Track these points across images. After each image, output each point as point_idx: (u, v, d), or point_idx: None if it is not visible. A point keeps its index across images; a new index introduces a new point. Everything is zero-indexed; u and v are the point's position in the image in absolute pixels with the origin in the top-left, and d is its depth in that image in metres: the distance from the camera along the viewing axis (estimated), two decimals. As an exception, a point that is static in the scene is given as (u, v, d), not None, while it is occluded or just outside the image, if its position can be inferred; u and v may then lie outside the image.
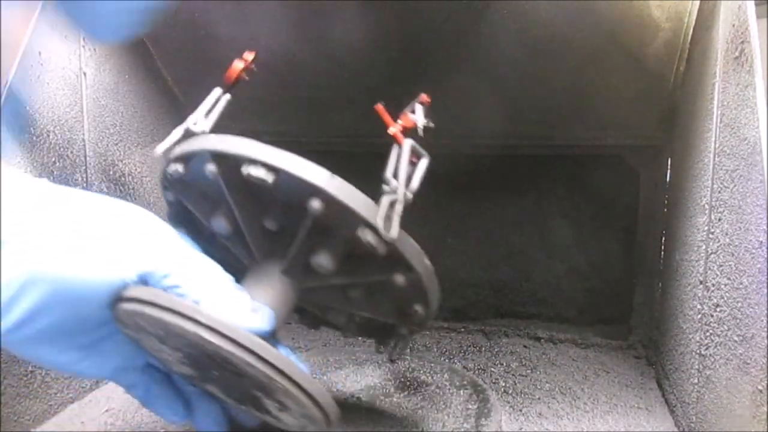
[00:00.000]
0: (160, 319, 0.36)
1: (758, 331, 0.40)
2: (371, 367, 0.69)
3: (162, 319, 0.36)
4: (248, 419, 0.47)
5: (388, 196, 0.41)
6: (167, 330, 0.37)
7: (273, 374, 0.36)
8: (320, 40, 0.72)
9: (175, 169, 0.45)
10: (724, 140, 0.50)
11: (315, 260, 0.43)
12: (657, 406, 0.66)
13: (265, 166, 0.40)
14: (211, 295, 0.39)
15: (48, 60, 0.62)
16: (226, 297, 0.40)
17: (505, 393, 0.69)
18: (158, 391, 0.45)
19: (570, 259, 0.88)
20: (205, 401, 0.46)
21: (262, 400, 0.41)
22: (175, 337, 0.37)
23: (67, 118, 0.65)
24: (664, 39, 0.66)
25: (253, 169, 0.40)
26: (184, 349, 0.39)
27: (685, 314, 0.61)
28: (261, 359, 0.36)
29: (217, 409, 0.46)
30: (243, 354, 0.36)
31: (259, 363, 0.36)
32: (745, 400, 0.42)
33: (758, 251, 0.41)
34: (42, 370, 0.61)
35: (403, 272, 0.44)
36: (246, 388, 0.40)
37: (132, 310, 0.37)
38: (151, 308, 0.36)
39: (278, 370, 0.36)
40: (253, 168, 0.40)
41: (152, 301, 0.36)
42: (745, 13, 0.46)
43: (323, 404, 0.39)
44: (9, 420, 0.56)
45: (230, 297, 0.40)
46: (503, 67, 0.72)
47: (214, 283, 0.40)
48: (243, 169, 0.40)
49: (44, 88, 0.62)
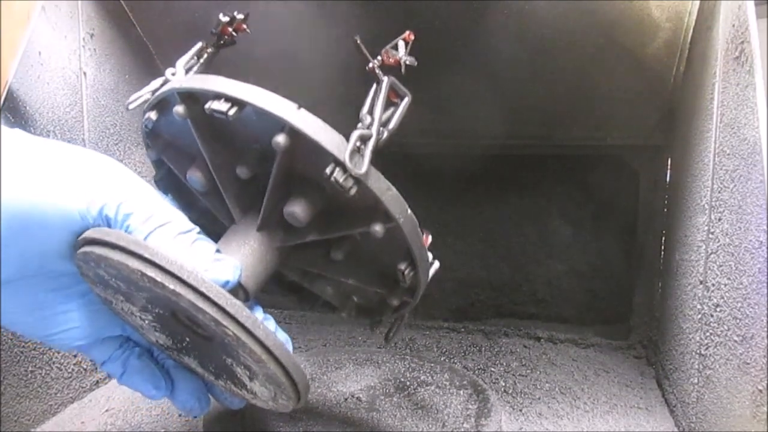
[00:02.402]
0: (107, 258, 0.34)
1: (758, 331, 0.40)
2: (371, 367, 0.69)
3: (108, 258, 0.34)
4: (232, 402, 0.46)
5: (359, 131, 0.38)
6: (120, 275, 0.35)
7: (223, 319, 0.34)
8: (320, 40, 0.72)
9: (148, 117, 0.43)
10: (724, 140, 0.50)
11: (287, 210, 0.40)
12: (657, 406, 0.66)
13: (228, 99, 0.38)
14: (168, 241, 0.37)
15: (48, 60, 0.62)
16: (183, 244, 0.37)
17: (505, 393, 0.69)
18: (137, 366, 0.43)
19: (570, 259, 0.88)
20: (186, 377, 0.45)
21: (234, 368, 0.39)
22: (130, 284, 0.36)
23: (67, 118, 0.65)
24: (664, 39, 0.66)
25: (216, 104, 0.38)
26: (148, 306, 0.38)
27: (685, 314, 0.61)
28: (207, 299, 0.33)
29: (199, 385, 0.45)
30: (189, 294, 0.33)
31: (206, 305, 0.33)
32: (745, 400, 0.42)
33: (758, 251, 0.41)
34: (42, 370, 0.61)
35: (381, 221, 0.39)
36: (217, 355, 0.39)
37: (86, 254, 0.35)
38: (100, 247, 0.34)
39: (228, 314, 0.33)
40: (216, 102, 0.38)
41: (101, 238, 0.34)
42: (745, 13, 0.46)
43: (285, 362, 0.36)
44: (9, 420, 0.56)
45: (190, 245, 0.37)
46: (503, 67, 0.72)
47: (172, 229, 0.38)
48: (206, 105, 0.38)
49: (44, 88, 0.62)
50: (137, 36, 0.77)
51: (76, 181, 0.37)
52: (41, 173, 0.36)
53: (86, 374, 0.68)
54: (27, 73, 0.60)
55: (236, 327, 0.34)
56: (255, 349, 0.35)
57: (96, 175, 0.38)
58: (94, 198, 0.37)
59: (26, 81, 0.60)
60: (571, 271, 0.89)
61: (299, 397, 0.39)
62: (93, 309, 0.41)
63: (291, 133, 0.37)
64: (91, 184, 0.37)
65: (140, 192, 0.38)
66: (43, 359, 0.61)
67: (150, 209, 0.37)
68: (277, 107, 0.37)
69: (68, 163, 0.38)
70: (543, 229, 0.89)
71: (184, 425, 0.61)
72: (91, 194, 0.37)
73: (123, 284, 0.37)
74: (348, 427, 0.56)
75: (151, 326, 0.41)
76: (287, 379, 0.37)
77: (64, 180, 0.37)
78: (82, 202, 0.36)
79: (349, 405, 0.60)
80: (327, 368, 0.69)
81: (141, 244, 0.34)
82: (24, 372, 0.59)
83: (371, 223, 0.40)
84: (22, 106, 0.59)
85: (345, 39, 0.71)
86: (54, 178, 0.36)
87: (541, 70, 0.73)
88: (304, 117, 0.37)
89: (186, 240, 0.37)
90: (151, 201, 0.38)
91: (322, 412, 0.58)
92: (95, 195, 0.37)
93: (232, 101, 0.38)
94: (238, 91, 0.38)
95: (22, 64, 0.59)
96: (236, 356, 0.38)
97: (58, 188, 0.36)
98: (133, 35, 0.76)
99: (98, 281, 0.38)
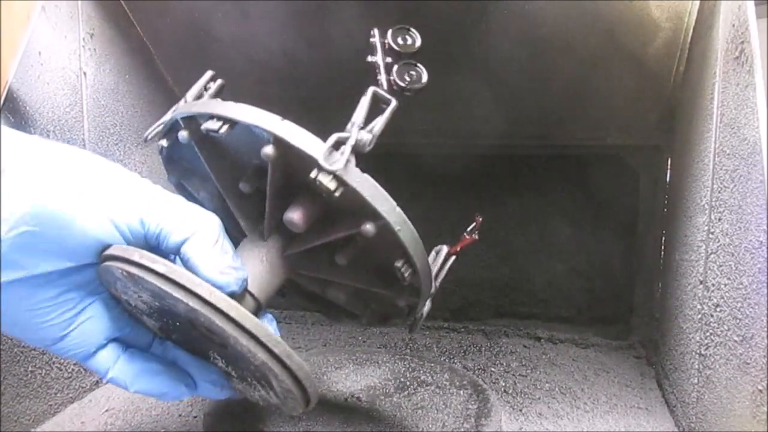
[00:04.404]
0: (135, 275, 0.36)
1: (758, 331, 0.40)
2: (371, 367, 0.69)
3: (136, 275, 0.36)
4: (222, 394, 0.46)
5: (337, 134, 0.40)
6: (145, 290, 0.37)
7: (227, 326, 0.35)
8: (320, 39, 0.72)
9: (160, 145, 0.47)
10: (724, 140, 0.50)
11: (286, 217, 0.43)
12: (657, 406, 0.66)
13: (219, 119, 0.41)
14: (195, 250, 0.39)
15: (48, 60, 0.62)
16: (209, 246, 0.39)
17: (505, 393, 0.69)
18: (152, 368, 0.43)
19: (570, 259, 0.88)
20: (202, 367, 0.44)
21: (246, 374, 0.41)
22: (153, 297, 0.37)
23: (67, 118, 0.65)
24: (664, 39, 0.66)
25: (210, 123, 0.41)
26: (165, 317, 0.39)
27: (685, 314, 0.61)
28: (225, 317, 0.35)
29: (217, 372, 0.45)
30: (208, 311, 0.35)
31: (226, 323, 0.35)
32: (745, 400, 0.42)
33: (758, 251, 0.41)
34: (42, 370, 0.61)
35: (371, 220, 0.41)
36: (233, 361, 0.40)
37: (109, 268, 0.37)
38: (128, 265, 0.36)
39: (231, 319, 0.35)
40: (210, 122, 0.41)
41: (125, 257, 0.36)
42: (745, 13, 0.46)
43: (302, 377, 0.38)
44: (9, 420, 0.56)
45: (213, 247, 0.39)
46: (503, 67, 0.72)
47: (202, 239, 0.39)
48: (203, 126, 0.41)
49: (44, 88, 0.62)
50: (137, 36, 0.77)
51: (113, 195, 0.39)
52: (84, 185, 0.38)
53: (86, 374, 0.68)
54: (27, 73, 0.60)
55: (260, 350, 0.36)
56: (274, 367, 0.37)
57: (131, 189, 0.40)
58: (132, 210, 0.39)
59: (26, 81, 0.60)
60: (571, 271, 0.89)
61: (308, 404, 0.41)
62: (109, 307, 0.42)
63: (277, 143, 0.40)
64: (127, 197, 0.39)
65: (171, 203, 0.40)
66: (43, 359, 0.61)
67: (179, 220, 0.39)
68: (261, 121, 0.40)
69: (101, 176, 0.39)
70: (543, 229, 0.89)
71: (184, 425, 0.61)
72: (129, 207, 0.39)
73: (144, 295, 0.38)
74: (348, 427, 0.56)
75: (165, 330, 0.42)
76: (299, 391, 0.39)
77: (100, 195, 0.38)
78: (121, 215, 0.38)
79: (349, 405, 0.60)
80: (327, 368, 0.69)
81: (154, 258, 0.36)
82: (24, 372, 0.59)
83: (362, 223, 0.41)
84: (22, 106, 0.59)
85: (345, 39, 0.71)
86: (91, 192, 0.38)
87: (541, 70, 0.73)
88: (287, 127, 0.40)
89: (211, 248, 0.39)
90: (180, 212, 0.40)
91: (322, 412, 0.58)
92: (132, 208, 0.39)
93: (223, 119, 0.41)
94: (226, 111, 0.41)
95: (22, 64, 0.59)
96: (252, 367, 0.39)
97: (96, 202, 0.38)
98: (133, 35, 0.76)
99: (117, 288, 0.40)
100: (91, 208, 0.37)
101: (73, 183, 0.37)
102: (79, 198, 0.37)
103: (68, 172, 0.38)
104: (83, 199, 0.37)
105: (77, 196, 0.37)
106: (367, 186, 0.40)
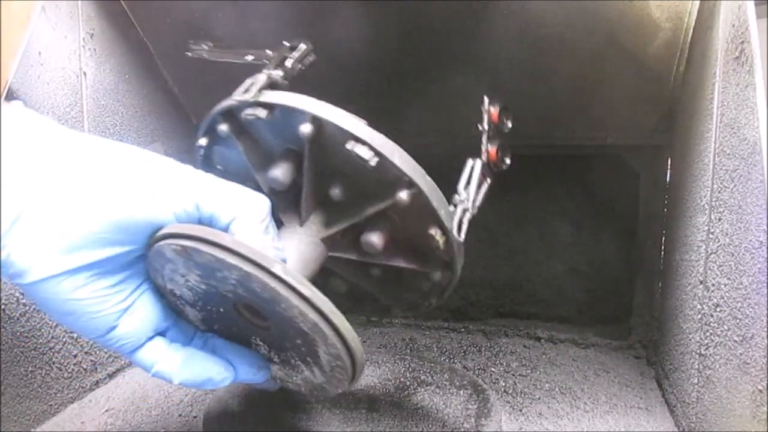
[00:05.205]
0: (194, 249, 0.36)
1: (758, 331, 0.40)
2: (371, 367, 0.69)
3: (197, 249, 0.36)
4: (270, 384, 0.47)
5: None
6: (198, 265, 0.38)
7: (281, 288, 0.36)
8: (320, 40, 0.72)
9: (199, 145, 0.50)
10: (724, 140, 0.50)
11: (332, 192, 0.46)
12: (657, 406, 0.66)
13: (259, 105, 0.44)
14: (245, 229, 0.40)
15: (48, 60, 0.62)
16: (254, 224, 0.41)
17: (505, 393, 0.69)
18: (195, 355, 0.43)
19: (570, 259, 0.88)
20: (244, 354, 0.45)
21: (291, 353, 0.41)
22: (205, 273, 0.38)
23: (67, 118, 0.65)
24: (664, 39, 0.66)
25: (250, 110, 0.44)
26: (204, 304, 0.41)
27: (685, 314, 0.61)
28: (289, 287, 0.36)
29: (257, 356, 0.45)
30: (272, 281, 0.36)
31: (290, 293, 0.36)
32: (745, 400, 0.42)
33: (758, 251, 0.41)
34: (42, 370, 0.61)
35: (405, 187, 0.44)
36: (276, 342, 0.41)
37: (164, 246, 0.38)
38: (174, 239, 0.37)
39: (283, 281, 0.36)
40: (250, 110, 0.45)
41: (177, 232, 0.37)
42: (745, 13, 0.46)
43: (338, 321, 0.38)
44: (9, 420, 0.56)
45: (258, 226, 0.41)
46: (503, 66, 0.72)
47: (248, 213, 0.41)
48: (242, 113, 0.45)
49: (44, 88, 0.62)
50: (137, 36, 0.77)
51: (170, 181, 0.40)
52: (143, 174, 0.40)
53: (86, 374, 0.68)
54: (27, 73, 0.60)
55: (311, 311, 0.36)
56: (324, 328, 0.37)
57: (187, 175, 0.41)
58: (189, 195, 0.40)
59: (26, 81, 0.60)
60: (571, 271, 0.89)
61: (355, 374, 0.40)
62: (157, 299, 0.43)
63: (314, 122, 0.42)
64: (184, 183, 0.40)
65: (224, 187, 0.42)
66: (43, 359, 0.61)
67: (231, 201, 0.41)
68: (298, 102, 0.43)
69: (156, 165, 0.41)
70: (543, 228, 0.89)
71: (184, 425, 0.61)
72: (186, 192, 0.40)
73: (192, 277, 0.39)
74: (348, 427, 0.56)
75: (207, 321, 0.43)
76: (348, 356, 0.39)
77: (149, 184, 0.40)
78: (178, 200, 0.40)
79: (349, 405, 0.60)
80: (327, 368, 0.69)
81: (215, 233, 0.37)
82: (24, 372, 0.59)
83: (396, 192, 0.44)
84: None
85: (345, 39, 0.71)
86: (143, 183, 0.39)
87: (541, 69, 0.73)
88: (323, 105, 0.43)
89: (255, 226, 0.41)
90: (233, 194, 0.41)
91: (322, 412, 0.58)
92: (189, 192, 0.40)
93: (262, 105, 0.44)
94: (266, 97, 0.44)
95: (22, 64, 0.59)
96: (298, 341, 0.39)
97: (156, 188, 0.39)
98: (133, 35, 0.76)
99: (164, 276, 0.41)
100: (152, 194, 0.39)
101: (134, 173, 0.39)
102: (142, 186, 0.39)
103: (126, 162, 0.40)
104: (145, 186, 0.39)
105: (140, 185, 0.39)
106: (399, 154, 0.43)
